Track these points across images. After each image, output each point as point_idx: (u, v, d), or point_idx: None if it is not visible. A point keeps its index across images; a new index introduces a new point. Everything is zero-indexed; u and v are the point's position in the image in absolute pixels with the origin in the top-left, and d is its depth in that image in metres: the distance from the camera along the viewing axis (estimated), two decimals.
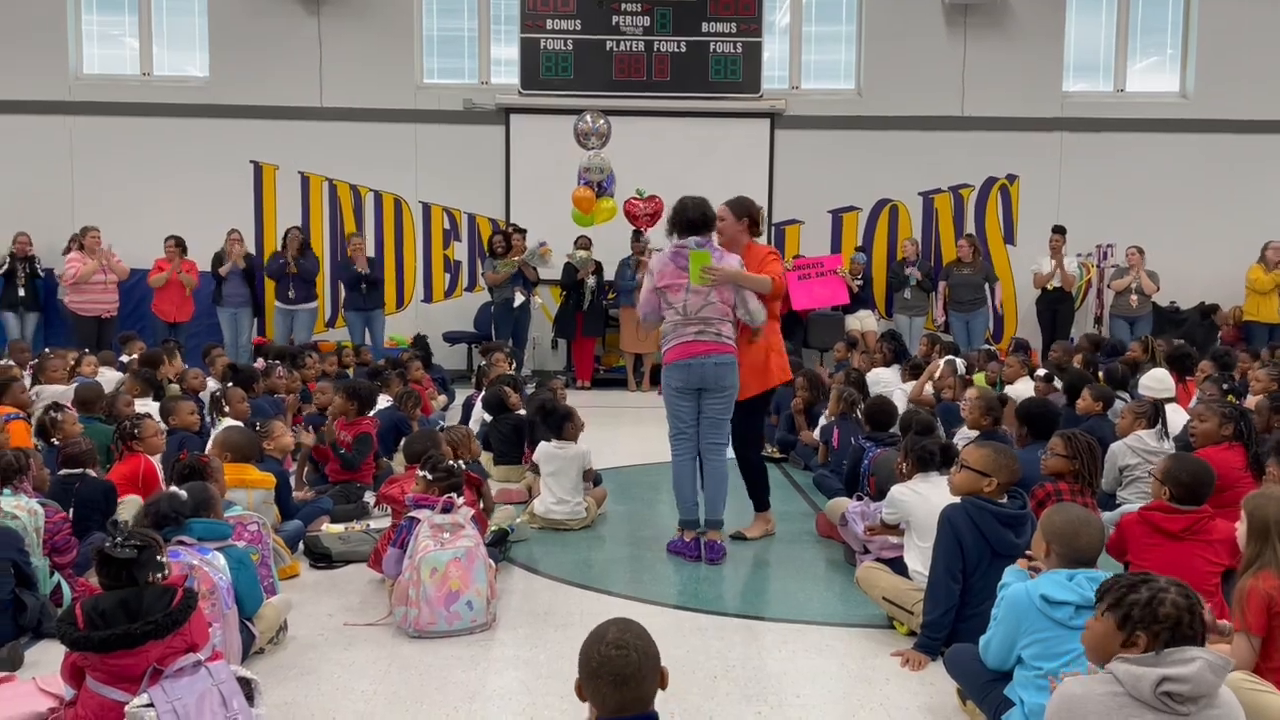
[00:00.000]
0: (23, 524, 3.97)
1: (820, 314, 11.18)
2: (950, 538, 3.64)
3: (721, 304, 4.91)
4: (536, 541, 5.30)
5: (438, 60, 12.22)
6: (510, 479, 6.50)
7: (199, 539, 3.50)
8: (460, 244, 12.14)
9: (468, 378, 11.18)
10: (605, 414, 9.35)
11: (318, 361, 8.45)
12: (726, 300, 4.93)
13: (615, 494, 6.21)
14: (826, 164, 11.93)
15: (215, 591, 3.37)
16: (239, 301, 10.87)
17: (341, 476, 5.79)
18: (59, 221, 10.95)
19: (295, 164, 11.82)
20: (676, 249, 4.96)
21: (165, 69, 12.02)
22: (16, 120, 11.46)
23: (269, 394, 7.20)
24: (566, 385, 11.45)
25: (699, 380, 4.93)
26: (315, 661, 3.71)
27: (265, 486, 4.70)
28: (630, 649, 2.18)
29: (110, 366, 8.38)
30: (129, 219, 11.12)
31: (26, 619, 3.75)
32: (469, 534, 4.04)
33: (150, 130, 11.61)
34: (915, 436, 4.68)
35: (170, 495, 3.54)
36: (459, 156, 11.88)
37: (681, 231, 4.98)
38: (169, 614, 2.85)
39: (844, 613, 4.33)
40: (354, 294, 10.87)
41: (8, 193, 11.31)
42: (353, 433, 5.85)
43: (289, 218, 11.66)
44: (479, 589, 3.96)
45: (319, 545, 4.88)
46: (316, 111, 11.71)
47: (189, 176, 11.56)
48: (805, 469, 7.01)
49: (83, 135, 11.58)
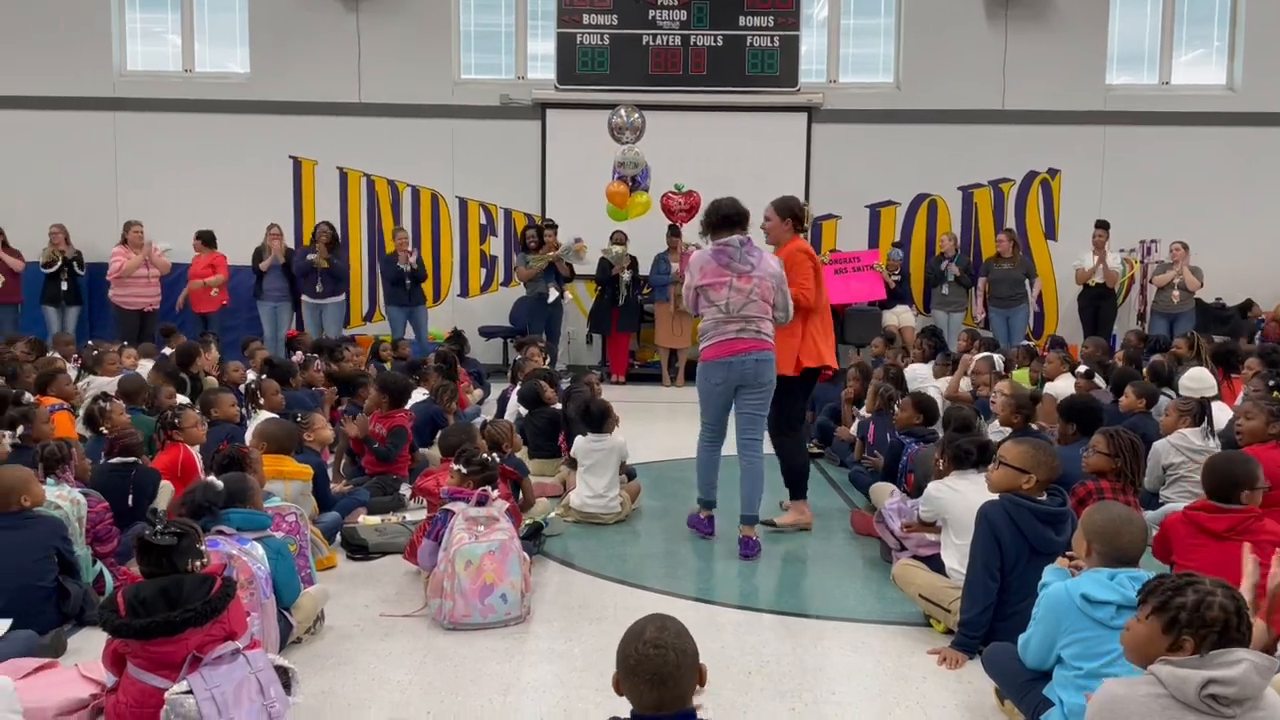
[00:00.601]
0: (65, 513, 4.04)
1: (857, 309, 11.10)
2: (988, 535, 3.59)
3: (763, 302, 4.96)
4: (571, 535, 5.31)
5: (475, 56, 12.26)
6: (545, 473, 6.50)
7: (237, 529, 3.54)
8: (496, 239, 12.17)
9: (503, 372, 11.23)
10: (640, 409, 9.35)
11: (356, 354, 8.51)
12: (768, 298, 4.98)
13: (649, 489, 6.21)
14: (864, 158, 11.83)
15: (253, 581, 3.40)
16: (278, 296, 10.98)
17: (378, 469, 5.83)
18: (103, 216, 11.11)
19: (334, 159, 11.92)
20: (719, 247, 5.00)
21: (207, 65, 12.16)
22: (62, 116, 11.65)
23: (307, 387, 7.27)
24: (601, 380, 11.50)
25: (739, 378, 4.98)
26: (352, 652, 3.74)
27: (303, 478, 4.75)
28: (668, 647, 2.15)
29: (150, 359, 8.50)
30: (171, 213, 11.27)
31: (69, 607, 3.81)
32: (503, 527, 4.05)
33: (192, 126, 11.74)
34: (952, 433, 4.63)
35: (206, 485, 3.58)
36: (495, 152, 11.92)
37: (718, 230, 5.03)
38: (208, 602, 2.89)
39: (880, 610, 4.29)
40: (397, 289, 10.94)
41: (53, 188, 11.49)
42: (387, 426, 5.88)
43: (328, 213, 11.76)
44: (513, 582, 3.97)
45: (356, 537, 4.92)
46: (355, 107, 11.80)
47: (229, 172, 11.70)
48: (841, 465, 6.95)
49: (126, 131, 11.75)
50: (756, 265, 4.96)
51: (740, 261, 4.93)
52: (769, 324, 5.01)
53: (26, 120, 11.65)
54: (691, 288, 5.05)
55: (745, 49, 11.67)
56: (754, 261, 4.96)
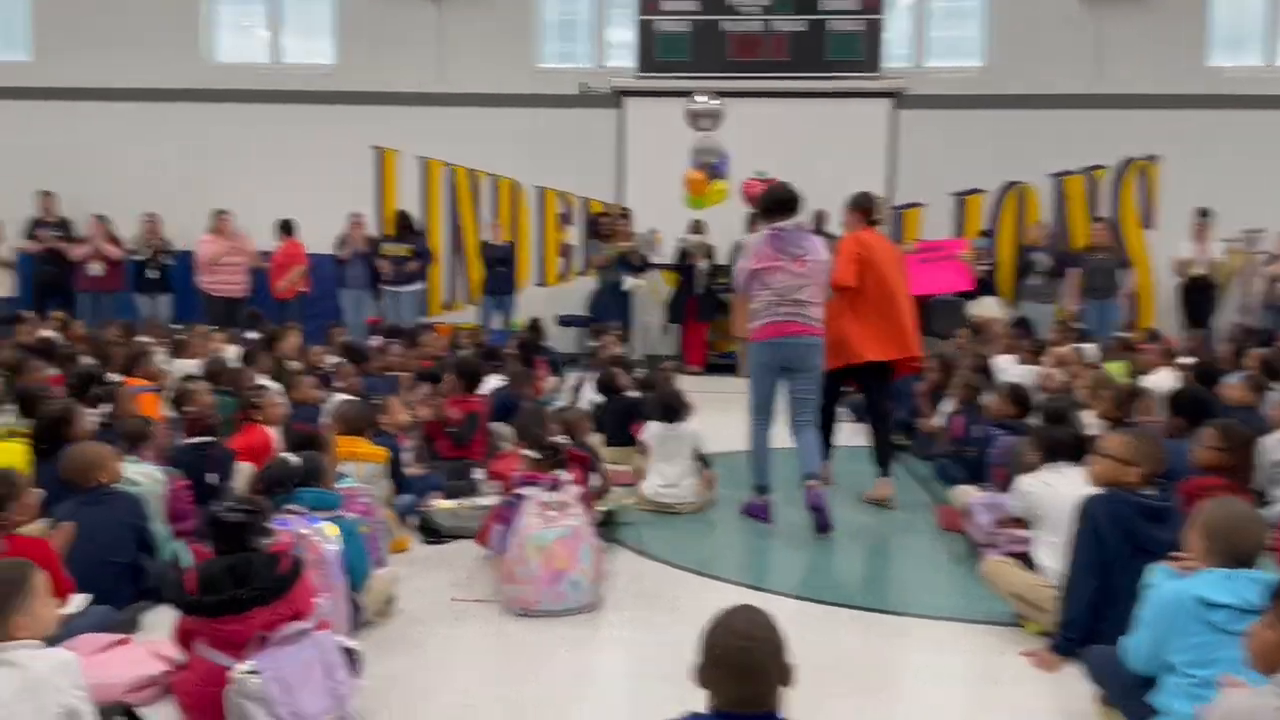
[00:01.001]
0: (144, 490, 4.07)
1: (941, 300, 10.73)
2: (1089, 531, 3.37)
3: (814, 286, 5.09)
4: (645, 524, 5.20)
5: (555, 44, 12.22)
6: (619, 461, 6.38)
7: (309, 508, 3.51)
8: (573, 227, 12.13)
9: (578, 360, 11.20)
10: (716, 400, 9.10)
11: (435, 340, 8.53)
12: (819, 282, 5.12)
13: (725, 479, 6.06)
14: (950, 144, 11.45)
15: (324, 562, 3.37)
16: (360, 283, 11.10)
17: (453, 453, 5.80)
18: (193, 205, 11.34)
19: (415, 149, 12.00)
20: (773, 231, 5.13)
21: (293, 56, 12.35)
22: (153, 107, 11.95)
23: (384, 371, 7.30)
24: (677, 370, 11.38)
25: (785, 359, 5.11)
26: (422, 636, 3.69)
27: (376, 460, 4.72)
28: (757, 640, 2.04)
29: (236, 343, 8.66)
30: (257, 202, 11.45)
31: (146, 583, 3.83)
32: (575, 513, 3.96)
33: (278, 116, 11.94)
34: (1045, 425, 4.39)
35: (282, 461, 3.57)
36: (573, 140, 11.87)
37: (772, 214, 5.17)
38: (275, 580, 2.86)
39: (966, 608, 4.08)
40: (490, 276, 10.97)
41: (145, 177, 11.79)
42: (462, 410, 5.85)
43: (408, 202, 11.85)
44: (585, 569, 3.88)
45: (430, 520, 4.89)
46: (436, 97, 11.85)
47: (314, 161, 11.84)
48: (925, 458, 6.71)
49: (215, 121, 11.99)
50: (810, 250, 5.12)
51: (794, 246, 5.08)
52: (819, 309, 5.13)
53: (122, 112, 11.96)
54: (745, 270, 5.18)
55: (827, 34, 11.40)
56: (807, 246, 5.12)
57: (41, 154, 11.84)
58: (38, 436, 4.54)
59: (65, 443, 4.49)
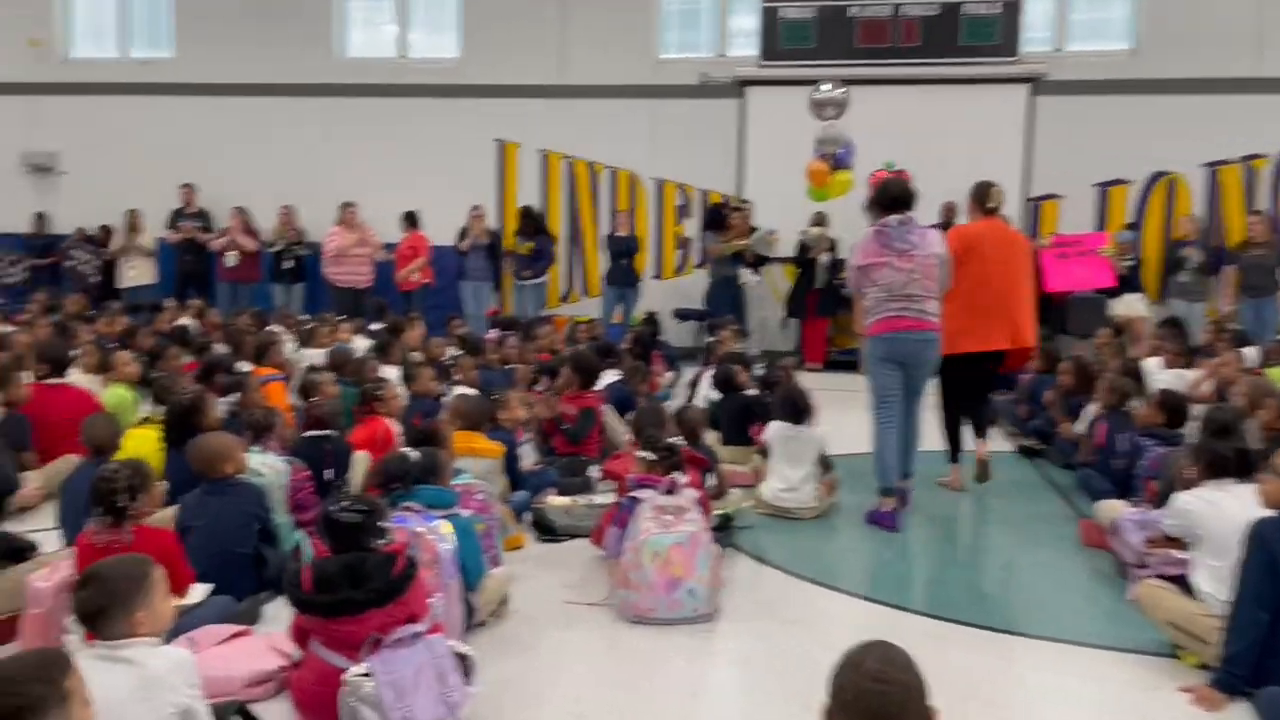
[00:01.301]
0: (268, 481, 4.11)
1: (1081, 297, 10.18)
2: (1261, 558, 3.05)
3: (926, 280, 5.05)
4: (764, 528, 5.02)
5: (676, 34, 12.08)
6: (737, 461, 6.21)
7: (426, 505, 3.47)
8: (692, 220, 11.98)
9: (695, 355, 11.05)
10: (836, 398, 8.82)
11: (551, 333, 8.51)
12: (931, 276, 5.06)
13: (846, 482, 5.83)
14: (1093, 132, 10.83)
15: (438, 561, 3.32)
16: (481, 275, 11.22)
17: (567, 450, 5.74)
18: (323, 197, 11.64)
19: (535, 141, 12.04)
20: (878, 228, 5.13)
21: (420, 51, 12.55)
22: (287, 102, 12.32)
23: (502, 364, 7.31)
24: (797, 366, 11.10)
25: (900, 355, 5.11)
26: (534, 639, 3.61)
27: (493, 456, 4.68)
28: (893, 682, 1.84)
29: (362, 334, 8.83)
30: (382, 195, 11.69)
31: (267, 574, 3.87)
32: (692, 518, 3.82)
33: (404, 110, 12.15)
34: (1209, 438, 4.03)
35: (400, 457, 3.53)
36: (693, 131, 11.71)
37: (885, 211, 5.15)
38: (390, 582, 2.81)
39: (1113, 634, 3.77)
40: (613, 268, 10.97)
41: (280, 170, 12.18)
42: (578, 406, 5.78)
43: (528, 195, 11.92)
44: (702, 576, 3.74)
45: (544, 517, 4.83)
46: (557, 89, 11.87)
47: (437, 154, 12.02)
48: (1065, 466, 6.32)
49: (343, 115, 12.29)
50: (918, 244, 5.06)
51: (900, 241, 5.05)
52: (934, 303, 5.10)
53: (259, 106, 12.37)
54: (854, 267, 5.23)
55: (961, 17, 10.91)
56: (915, 241, 5.06)
57: (183, 147, 12.36)
58: (168, 425, 4.67)
59: (195, 431, 4.61)
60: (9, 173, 12.82)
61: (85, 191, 12.61)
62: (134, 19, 13.01)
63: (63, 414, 5.33)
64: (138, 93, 12.57)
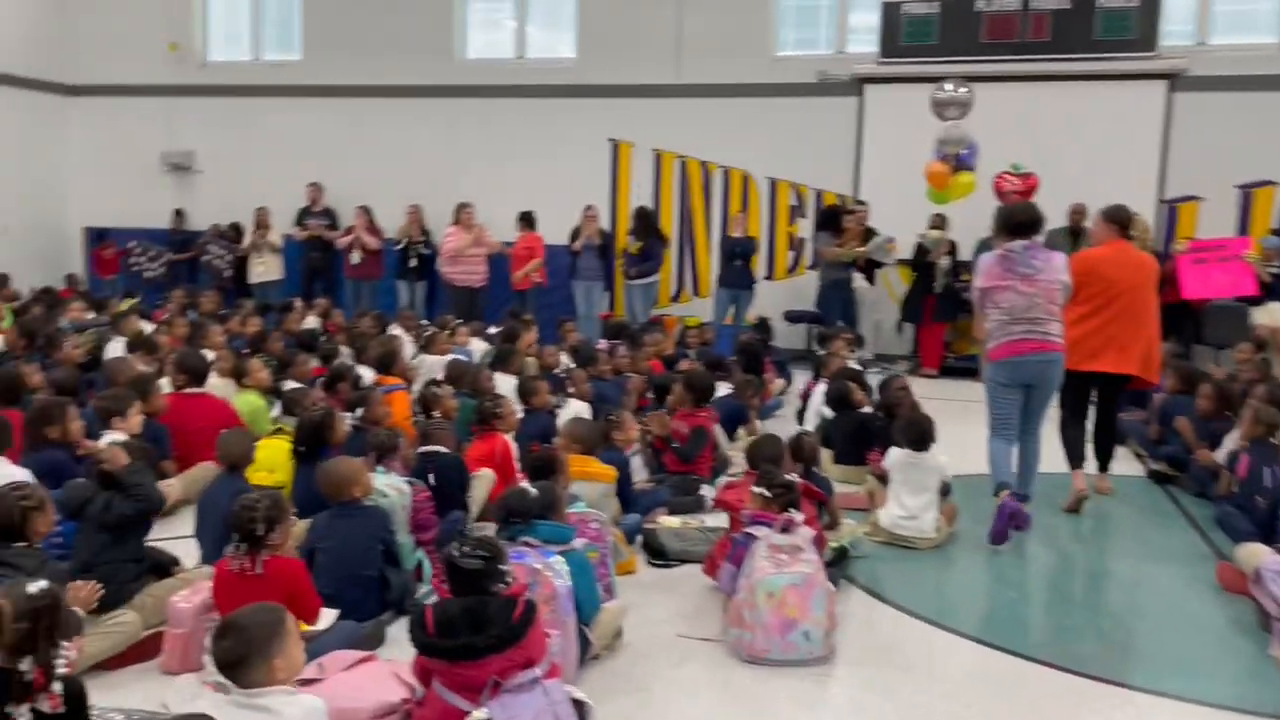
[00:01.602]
0: (391, 502, 4.23)
1: (1219, 305, 9.66)
2: None
3: (1049, 304, 5.10)
4: (880, 558, 4.92)
5: (793, 31, 11.90)
6: (850, 480, 6.14)
7: (543, 540, 3.52)
8: (805, 220, 11.80)
9: (806, 358, 10.91)
10: (954, 408, 8.64)
11: (661, 340, 8.52)
12: (1054, 300, 5.12)
13: (966, 507, 5.66)
14: (1237, 131, 10.23)
15: (555, 598, 3.36)
16: (592, 275, 11.30)
17: (679, 467, 5.73)
18: (442, 197, 11.89)
19: (649, 141, 12.04)
20: (1003, 252, 5.18)
21: (537, 52, 12.68)
22: (406, 103, 12.62)
23: (615, 373, 7.34)
24: (911, 372, 10.87)
25: (1025, 377, 5.16)
26: (647, 676, 3.61)
27: (607, 480, 4.71)
28: None
29: (479, 337, 9.01)
30: (498, 194, 11.90)
31: (390, 595, 3.98)
32: (808, 558, 3.77)
33: (522, 110, 12.31)
34: None
35: (520, 493, 3.58)
36: (809, 130, 11.53)
37: (1011, 235, 5.20)
38: (510, 628, 2.85)
39: (1257, 695, 3.57)
40: (727, 269, 10.92)
41: (403, 170, 12.50)
42: (690, 424, 5.77)
43: (641, 195, 11.94)
44: (817, 618, 3.69)
45: (656, 540, 4.83)
46: (672, 89, 11.84)
47: (552, 154, 12.15)
48: (1200, 495, 6.02)
49: (463, 116, 12.53)
50: (1043, 268, 5.10)
51: (1024, 265, 5.10)
52: (1057, 325, 5.15)
53: (383, 107, 12.70)
54: (976, 289, 5.29)
55: (1095, 10, 10.45)
56: (1039, 265, 5.11)
57: (311, 147, 12.81)
58: (298, 440, 4.84)
59: (324, 446, 4.79)
60: (150, 171, 13.51)
61: (219, 189, 13.21)
62: (266, 23, 13.50)
63: (200, 422, 5.61)
64: (268, 94, 13.07)
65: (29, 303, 9.28)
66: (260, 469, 4.87)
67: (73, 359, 6.73)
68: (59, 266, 13.28)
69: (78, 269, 13.52)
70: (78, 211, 13.93)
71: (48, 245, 13.45)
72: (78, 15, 13.65)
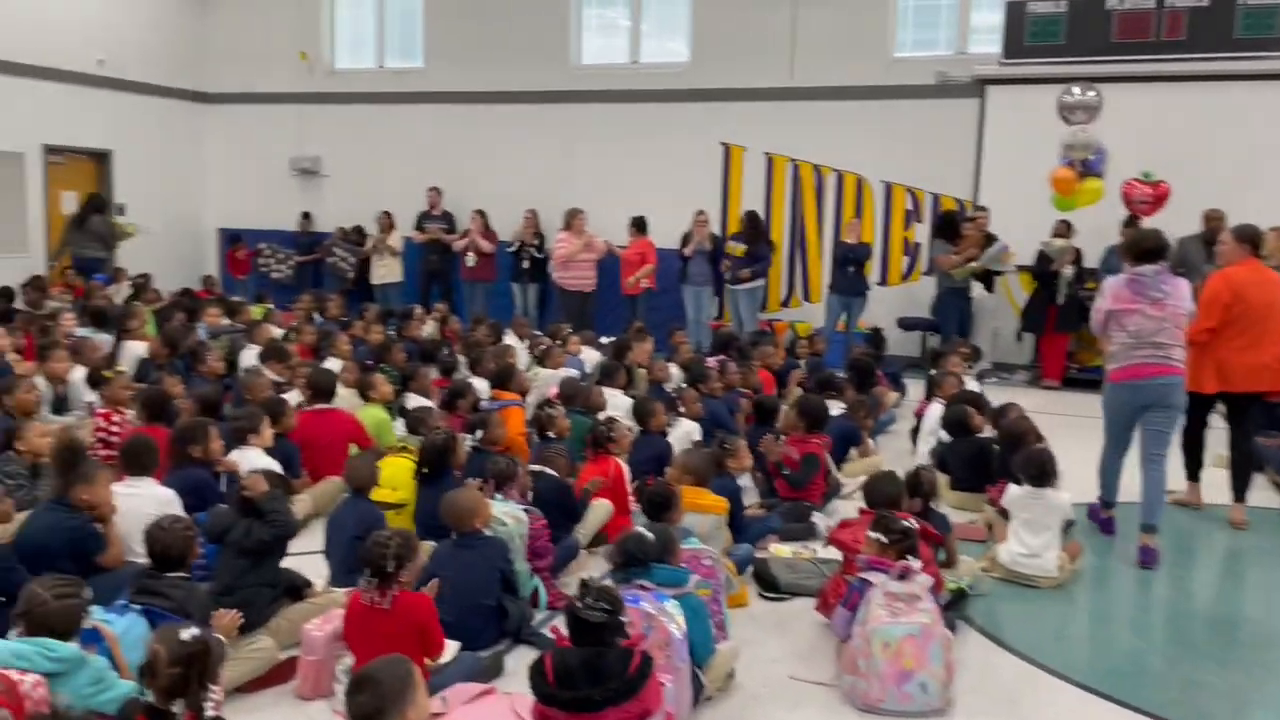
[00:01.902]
0: (509, 531, 4.33)
1: None
2: None
3: (1175, 329, 5.20)
4: (1000, 597, 4.81)
5: (912, 31, 11.64)
6: (966, 507, 6.02)
7: (658, 584, 3.56)
8: (921, 225, 11.55)
9: (919, 366, 10.70)
10: (1076, 424, 8.35)
11: (771, 353, 8.47)
12: (1180, 325, 5.23)
13: (1089, 540, 5.51)
14: None
15: (670, 643, 3.40)
16: (702, 281, 11.30)
17: (790, 494, 5.71)
18: (555, 201, 12.06)
19: (762, 144, 11.95)
20: (1132, 276, 5.28)
21: (651, 56, 12.71)
22: (523, 109, 12.83)
23: (727, 389, 7.33)
24: (1031, 383, 10.55)
25: (1145, 399, 5.27)
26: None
27: (719, 512, 4.73)
28: None
29: (591, 346, 9.12)
30: (611, 199, 12.00)
31: (508, 625, 4.09)
32: (926, 607, 3.71)
33: (634, 115, 12.37)
34: None
35: (638, 538, 3.62)
36: (927, 133, 11.27)
37: (1139, 260, 5.30)
38: (627, 681, 2.91)
39: None
40: (839, 275, 10.80)
41: (515, 174, 12.73)
42: (801, 451, 5.73)
43: (752, 199, 11.87)
44: (934, 670, 3.64)
45: (767, 571, 4.83)
46: (786, 92, 11.73)
47: (664, 159, 12.17)
48: None
49: (577, 121, 12.66)
50: (1171, 294, 5.21)
51: (1154, 290, 5.20)
52: (1180, 350, 5.25)
53: (501, 114, 12.94)
54: (1102, 311, 5.37)
55: (1237, 8, 9.90)
56: (1168, 290, 5.21)
57: (430, 152, 13.15)
58: (422, 461, 5.01)
59: (447, 470, 4.95)
60: (280, 175, 14.09)
61: (344, 193, 13.69)
62: (390, 32, 13.89)
63: (329, 438, 5.85)
64: (391, 101, 13.47)
65: (170, 307, 9.79)
66: (384, 486, 5.06)
67: (215, 372, 7.09)
68: (196, 267, 14.00)
69: (213, 270, 14.22)
70: (213, 214, 14.64)
71: (186, 247, 14.19)
72: (214, 28, 14.32)
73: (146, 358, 7.54)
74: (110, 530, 4.20)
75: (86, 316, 9.03)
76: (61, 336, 7.84)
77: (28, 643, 2.88)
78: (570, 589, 4.65)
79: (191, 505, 4.58)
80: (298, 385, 6.58)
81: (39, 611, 2.92)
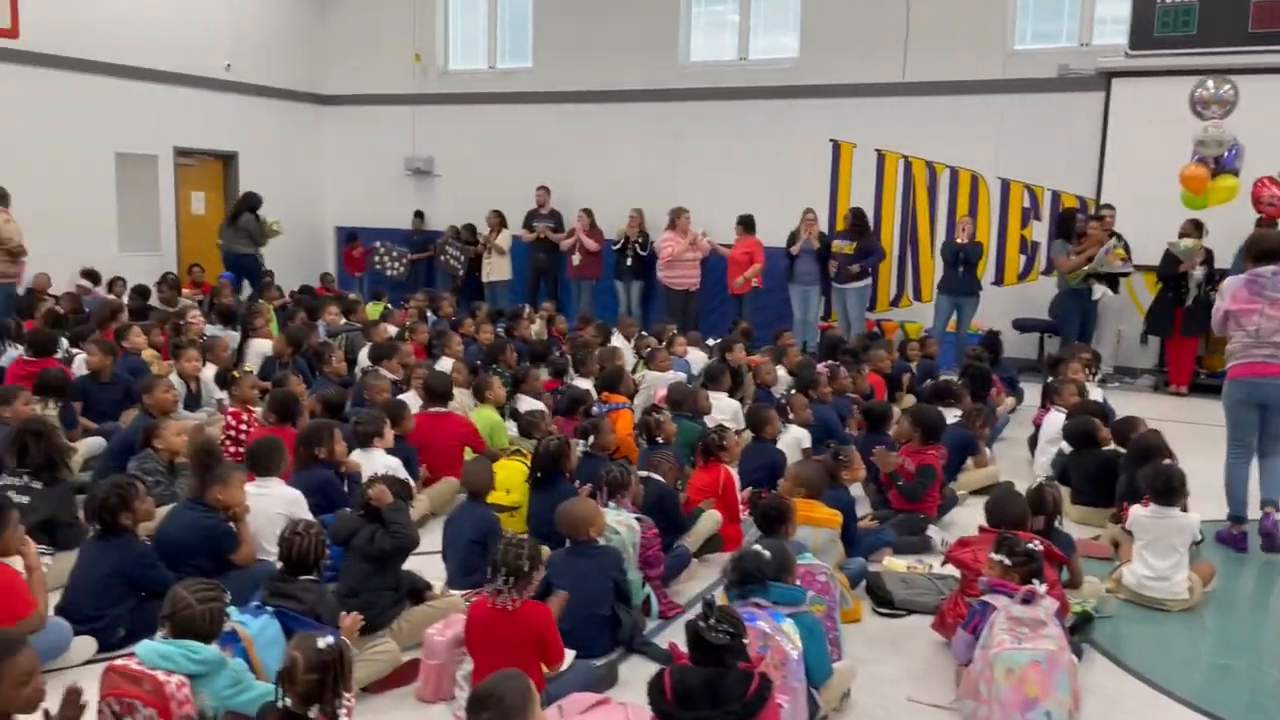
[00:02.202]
0: (622, 539, 4.36)
1: None
2: None
3: None
4: (1126, 619, 4.63)
5: (1032, 23, 11.25)
6: (1089, 521, 5.82)
7: (774, 603, 3.53)
8: (1040, 223, 11.18)
9: (1036, 369, 10.38)
10: (1202, 433, 7.97)
11: (883, 358, 8.31)
12: None
13: (1221, 562, 5.25)
14: None
15: (786, 662, 3.37)
16: (809, 280, 11.18)
17: (904, 506, 5.60)
18: (662, 199, 12.07)
19: (872, 141, 11.74)
20: (1251, 276, 5.36)
21: (760, 52, 12.60)
22: (631, 108, 12.88)
23: (837, 394, 7.23)
24: (1157, 389, 10.12)
25: (1263, 397, 5.37)
26: None
27: (833, 526, 4.66)
28: None
29: (697, 346, 9.11)
30: (717, 198, 11.97)
31: (621, 634, 4.12)
32: (1051, 633, 3.59)
33: (743, 112, 12.29)
34: None
35: (754, 556, 3.60)
36: (1047, 128, 10.91)
37: (1258, 260, 5.38)
38: (745, 704, 2.90)
39: None
40: (949, 275, 10.56)
41: (623, 173, 12.79)
42: (916, 462, 5.61)
43: (862, 196, 11.68)
44: (1060, 699, 3.51)
45: (881, 586, 4.75)
46: (898, 87, 11.49)
47: (771, 157, 12.07)
48: None
49: (686, 120, 12.64)
50: None
51: (1274, 290, 5.28)
52: None
53: (609, 112, 13.02)
54: (1221, 310, 5.47)
55: None
56: None
57: (539, 152, 13.32)
58: (535, 466, 5.08)
59: (559, 475, 5.01)
60: (395, 175, 14.47)
61: (455, 192, 13.98)
62: (501, 33, 14.10)
63: (446, 440, 6.00)
64: (501, 101, 13.69)
65: (292, 306, 10.15)
66: (498, 489, 5.15)
67: (339, 373, 7.34)
68: (315, 264, 14.49)
69: (330, 267, 14.70)
70: (331, 212, 15.13)
71: (305, 244, 14.69)
72: (331, 31, 14.78)
73: (271, 356, 7.83)
74: (243, 529, 4.38)
75: (214, 314, 9.45)
76: (194, 335, 8.21)
77: (173, 644, 3.02)
78: (682, 598, 4.72)
79: (317, 505, 4.77)
80: (414, 386, 6.74)
81: (184, 614, 3.06)
